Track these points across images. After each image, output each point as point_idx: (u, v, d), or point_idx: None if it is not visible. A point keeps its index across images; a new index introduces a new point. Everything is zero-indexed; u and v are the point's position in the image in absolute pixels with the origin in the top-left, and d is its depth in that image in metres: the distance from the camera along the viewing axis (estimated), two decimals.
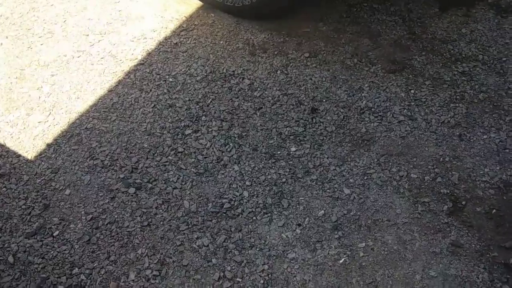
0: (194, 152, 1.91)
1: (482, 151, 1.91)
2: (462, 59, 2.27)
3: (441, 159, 1.88)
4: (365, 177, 1.83)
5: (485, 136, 1.96)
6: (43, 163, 1.86)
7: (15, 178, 1.81)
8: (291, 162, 1.88)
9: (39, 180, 1.81)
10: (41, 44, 2.32)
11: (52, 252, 1.62)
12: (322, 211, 1.72)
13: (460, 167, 1.86)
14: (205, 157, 1.89)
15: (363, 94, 2.13)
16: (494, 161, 1.87)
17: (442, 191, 1.78)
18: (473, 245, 1.62)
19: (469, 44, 2.34)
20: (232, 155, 1.90)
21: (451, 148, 1.92)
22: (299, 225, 1.69)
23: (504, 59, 2.26)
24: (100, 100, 2.09)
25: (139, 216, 1.72)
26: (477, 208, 1.73)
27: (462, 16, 2.47)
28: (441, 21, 2.46)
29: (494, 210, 1.71)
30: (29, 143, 1.93)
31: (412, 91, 2.14)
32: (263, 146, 1.93)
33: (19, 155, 1.88)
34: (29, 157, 1.88)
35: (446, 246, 1.62)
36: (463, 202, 1.74)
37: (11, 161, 1.86)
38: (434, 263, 1.58)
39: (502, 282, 1.54)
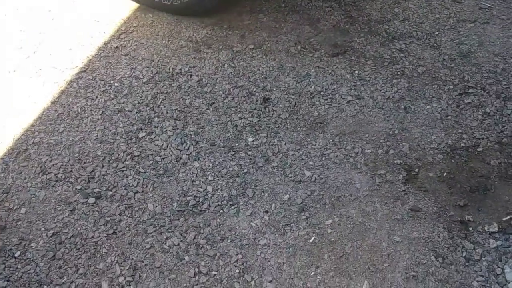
0: (151, 154, 1.88)
1: (427, 121, 2.02)
2: (398, 37, 2.39)
3: (391, 132, 1.97)
4: (323, 158, 1.88)
5: (428, 107, 2.07)
6: None
7: None
8: (250, 153, 1.90)
9: None
10: None
11: (16, 273, 1.54)
12: (287, 195, 1.76)
13: (409, 137, 1.95)
14: (163, 158, 1.87)
15: (310, 80, 2.19)
16: (439, 129, 1.98)
17: (395, 162, 1.86)
18: (431, 208, 1.72)
19: (403, 22, 2.46)
20: (190, 153, 1.89)
21: (399, 121, 2.01)
22: (267, 211, 1.71)
23: (437, 33, 2.40)
24: (44, 113, 2.00)
25: (103, 225, 1.67)
26: (430, 173, 1.83)
27: None
28: (375, 3, 2.57)
29: (445, 174, 1.82)
30: None
31: (356, 71, 2.23)
32: (220, 140, 1.94)
33: None
34: None
35: (406, 212, 1.70)
36: (416, 170, 1.84)
37: None
38: (398, 229, 1.65)
39: (461, 238, 1.64)
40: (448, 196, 1.76)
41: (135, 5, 2.47)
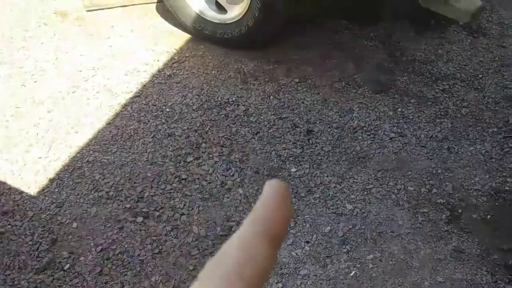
0: (198, 178, 1.95)
1: (470, 162, 2.02)
2: (441, 78, 2.42)
3: (434, 171, 1.98)
4: (365, 192, 1.90)
5: (471, 148, 2.08)
6: (47, 198, 1.86)
7: (20, 215, 1.80)
8: (292, 182, 1.94)
9: (44, 215, 1.80)
10: (35, 82, 2.34)
11: (64, 286, 1.60)
12: (328, 227, 1.78)
13: (452, 178, 1.96)
14: (209, 183, 1.93)
15: (353, 115, 2.23)
16: (482, 171, 1.98)
17: (438, 201, 1.87)
18: (474, 250, 1.71)
19: (447, 64, 2.49)
20: (235, 179, 1.95)
21: (442, 160, 2.02)
22: (308, 242, 1.74)
23: (480, 76, 2.42)
24: (99, 133, 2.11)
25: (149, 244, 1.73)
26: (473, 215, 1.82)
27: (437, 38, 2.64)
28: (419, 43, 2.63)
29: (489, 216, 1.81)
30: (31, 179, 1.92)
31: (399, 109, 2.26)
32: (264, 169, 1.99)
33: (22, 192, 1.87)
34: (32, 193, 1.87)
35: (449, 252, 1.69)
36: (459, 210, 1.83)
37: (14, 198, 1.85)
38: (440, 269, 1.64)
39: (504, 282, 1.62)
40: (491, 239, 1.74)
41: (188, 36, 2.60)
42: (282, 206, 0.25)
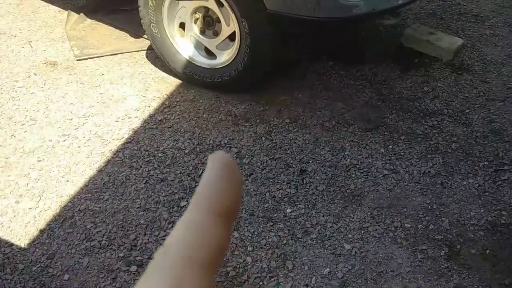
0: None
1: (465, 196, 2.02)
2: (429, 114, 2.46)
3: (429, 207, 1.98)
4: (362, 231, 1.89)
5: (464, 182, 2.09)
6: (37, 250, 1.80)
7: (10, 268, 1.74)
8: (288, 224, 1.92)
9: (35, 268, 1.74)
10: (25, 132, 2.32)
11: None
12: (327, 269, 1.75)
13: (448, 213, 1.95)
14: None
15: (346, 153, 2.25)
16: (477, 205, 1.98)
17: (436, 237, 1.85)
18: (475, 286, 1.68)
19: (433, 100, 2.55)
20: None
21: (436, 196, 2.03)
22: (307, 285, 1.70)
23: (467, 111, 2.47)
24: (91, 181, 2.09)
25: None
26: (472, 250, 1.80)
27: (422, 76, 2.71)
28: (404, 81, 2.69)
29: (487, 251, 1.80)
30: (21, 231, 1.87)
31: (390, 146, 2.28)
32: (259, 211, 1.97)
33: (12, 244, 1.82)
34: (22, 245, 1.82)
35: None
36: (458, 246, 1.82)
37: (4, 251, 1.80)
38: None
39: None
40: (492, 274, 1.72)
41: (178, 81, 2.63)
42: (228, 178, 0.22)
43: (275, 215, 1.95)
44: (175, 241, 0.20)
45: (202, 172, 2.13)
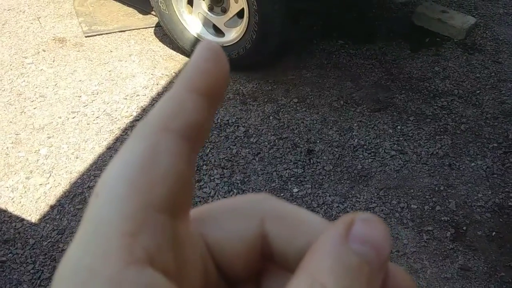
0: (199, 201, 1.94)
1: (472, 178, 2.02)
2: (439, 95, 2.44)
3: (436, 188, 1.98)
4: (368, 212, 1.89)
5: (472, 164, 2.08)
6: (48, 225, 1.84)
7: (21, 243, 1.78)
8: (295, 203, 1.92)
9: (45, 243, 1.78)
10: (34, 108, 2.34)
11: None
12: None
13: (455, 194, 1.95)
14: None
15: (353, 133, 2.24)
16: (485, 187, 1.98)
17: (442, 218, 1.86)
18: (481, 268, 1.69)
19: (444, 81, 2.51)
20: None
21: (444, 177, 2.02)
22: None
23: (478, 92, 2.44)
24: (100, 158, 2.11)
25: None
26: (478, 232, 1.81)
27: (433, 55, 2.67)
28: (415, 61, 2.65)
29: (494, 233, 1.80)
30: (31, 207, 1.90)
31: (399, 127, 2.27)
32: (266, 190, 1.98)
33: (23, 219, 1.85)
34: (33, 221, 1.85)
35: (456, 270, 1.68)
36: (464, 228, 1.83)
37: (15, 226, 1.83)
38: None
39: None
40: (498, 256, 1.73)
41: (187, 59, 2.62)
42: (213, 60, 0.21)
43: (282, 194, 1.96)
44: (153, 111, 0.20)
45: (209, 150, 2.14)
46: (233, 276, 0.22)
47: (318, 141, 2.20)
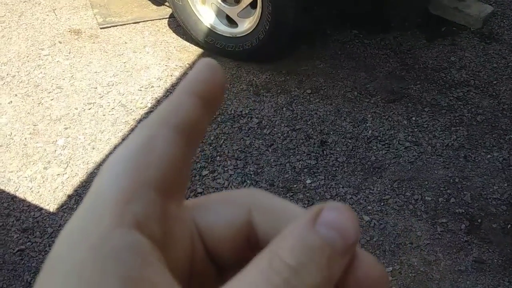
0: (213, 192, 1.96)
1: (488, 170, 2.00)
2: (455, 85, 2.41)
3: (451, 180, 1.96)
4: (382, 203, 1.89)
5: (488, 156, 2.06)
6: (65, 215, 1.88)
7: (39, 231, 1.82)
8: (308, 194, 1.94)
9: None
10: (51, 99, 2.37)
11: None
12: None
13: (470, 186, 1.94)
14: None
15: (367, 124, 2.23)
16: (501, 179, 1.96)
17: (457, 211, 1.85)
18: (495, 260, 1.68)
19: (460, 71, 2.48)
20: None
21: (459, 169, 2.01)
22: None
23: (495, 82, 2.41)
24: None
25: None
26: (493, 224, 1.80)
27: (449, 45, 2.63)
28: (430, 51, 2.62)
29: (509, 225, 1.79)
30: (49, 196, 1.95)
31: (413, 118, 2.25)
32: (279, 181, 1.99)
33: (41, 209, 1.90)
34: (51, 210, 1.90)
35: (470, 263, 1.67)
36: (479, 220, 1.81)
37: (34, 215, 1.88)
38: (462, 281, 1.62)
39: None
40: None
41: (200, 50, 2.63)
42: (211, 70, 0.23)
43: (295, 185, 1.97)
44: (155, 111, 0.23)
45: (223, 141, 2.15)
46: (221, 261, 0.24)
47: (331, 133, 2.20)
